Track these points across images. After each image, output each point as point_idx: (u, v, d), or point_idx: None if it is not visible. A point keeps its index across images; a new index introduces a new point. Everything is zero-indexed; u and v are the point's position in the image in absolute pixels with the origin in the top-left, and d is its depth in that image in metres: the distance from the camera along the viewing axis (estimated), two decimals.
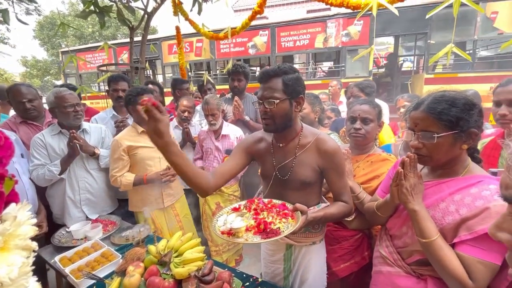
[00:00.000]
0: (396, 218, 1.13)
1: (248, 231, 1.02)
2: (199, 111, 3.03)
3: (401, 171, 1.01)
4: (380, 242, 1.20)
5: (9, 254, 0.34)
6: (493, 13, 5.11)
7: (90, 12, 3.01)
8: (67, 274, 1.45)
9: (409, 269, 1.05)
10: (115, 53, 7.82)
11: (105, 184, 2.13)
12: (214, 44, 6.75)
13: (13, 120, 2.15)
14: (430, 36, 5.45)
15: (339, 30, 5.91)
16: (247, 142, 1.35)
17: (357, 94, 2.09)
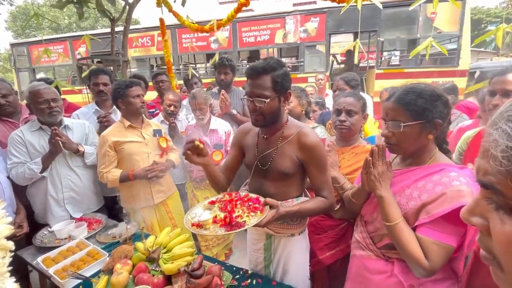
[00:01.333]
0: (368, 205, 1.20)
1: (215, 223, 1.07)
2: (185, 105, 2.98)
3: (370, 159, 1.08)
4: (356, 228, 1.26)
5: None
6: (432, 14, 5.53)
7: (67, 2, 2.86)
8: (51, 275, 1.41)
9: (378, 253, 1.12)
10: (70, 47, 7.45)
11: (90, 181, 2.07)
12: (176, 38, 6.75)
13: None
14: (380, 34, 5.80)
15: (297, 26, 6.13)
16: (237, 136, 1.44)
17: (343, 87, 2.13)
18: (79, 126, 2.06)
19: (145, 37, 6.99)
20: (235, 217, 1.06)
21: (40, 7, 16.82)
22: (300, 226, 1.34)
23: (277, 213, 1.08)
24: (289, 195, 1.28)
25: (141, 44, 7.10)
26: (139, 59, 7.46)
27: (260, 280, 1.35)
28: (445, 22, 5.61)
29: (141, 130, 2.06)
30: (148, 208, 2.10)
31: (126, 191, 2.08)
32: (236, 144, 1.42)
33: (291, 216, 1.22)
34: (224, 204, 1.16)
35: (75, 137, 1.97)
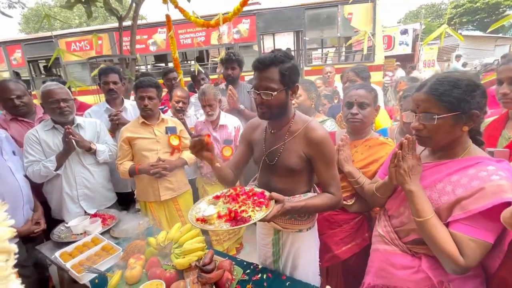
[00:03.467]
0: (394, 199, 1.16)
1: (220, 218, 1.05)
2: (194, 102, 2.99)
3: (399, 152, 1.03)
4: (378, 222, 1.23)
5: None
6: (349, 14, 6.16)
7: (75, 2, 2.89)
8: (68, 269, 1.45)
9: (404, 248, 1.08)
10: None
11: (103, 178, 2.12)
12: (115, 41, 6.84)
13: (3, 118, 2.10)
14: (305, 33, 6.30)
15: (230, 27, 6.45)
16: (246, 131, 1.43)
17: (353, 79, 2.07)
18: (91, 124, 2.10)
19: (83, 41, 7.15)
20: (240, 212, 1.04)
21: (51, 8, 17.17)
22: (308, 222, 1.32)
23: (282, 208, 1.07)
24: (297, 191, 1.27)
25: (80, 48, 7.24)
26: (77, 63, 7.47)
27: (271, 274, 1.35)
28: (360, 22, 6.22)
29: (154, 127, 2.09)
30: (156, 203, 2.14)
31: (138, 185, 2.16)
32: (245, 140, 1.42)
33: (297, 212, 1.21)
34: (229, 199, 1.16)
35: (87, 136, 2.01)
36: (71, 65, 7.29)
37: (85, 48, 7.08)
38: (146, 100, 1.99)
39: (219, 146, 2.41)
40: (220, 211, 1.08)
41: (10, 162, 1.69)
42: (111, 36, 6.76)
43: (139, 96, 2.01)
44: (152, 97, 2.01)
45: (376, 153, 1.42)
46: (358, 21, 6.19)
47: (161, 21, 6.83)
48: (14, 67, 7.45)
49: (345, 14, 6.17)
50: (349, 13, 6.11)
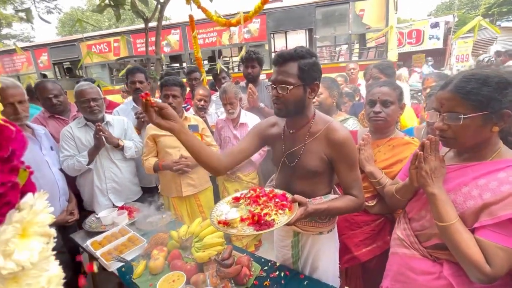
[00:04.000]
0: (415, 202, 1.12)
1: (243, 221, 1.03)
2: (215, 100, 3.04)
3: (420, 153, 0.99)
4: (398, 225, 1.19)
5: (29, 240, 0.37)
6: (361, 11, 6.08)
7: (105, 6, 3.06)
8: (98, 257, 1.56)
9: (425, 252, 1.04)
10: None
11: (130, 173, 2.23)
12: (131, 43, 7.19)
13: (42, 115, 2.28)
14: (316, 31, 6.29)
15: (241, 27, 6.46)
16: (260, 126, 1.36)
17: (377, 76, 1.99)
18: (119, 122, 2.22)
19: (103, 44, 7.53)
20: (263, 215, 1.02)
21: (84, 12, 18.19)
22: (329, 224, 1.30)
23: (305, 211, 1.04)
24: (317, 193, 1.24)
25: (99, 50, 7.64)
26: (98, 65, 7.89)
27: (288, 272, 1.35)
28: (372, 19, 6.13)
29: None
30: (178, 198, 2.22)
31: (162, 181, 2.25)
32: (257, 134, 1.32)
33: (320, 214, 1.18)
34: (251, 200, 1.14)
35: (116, 133, 2.13)
36: (91, 67, 7.77)
37: (104, 51, 7.53)
38: (170, 98, 2.06)
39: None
40: (242, 214, 1.06)
41: (48, 156, 1.83)
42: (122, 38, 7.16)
43: (164, 94, 2.08)
44: (176, 96, 2.07)
45: (400, 153, 1.37)
46: (370, 18, 6.11)
47: (173, 23, 7.15)
48: (41, 69, 8.05)
49: (357, 11, 6.08)
50: (360, 9, 6.04)
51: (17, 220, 0.35)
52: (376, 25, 6.12)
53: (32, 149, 1.73)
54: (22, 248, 0.34)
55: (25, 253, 0.34)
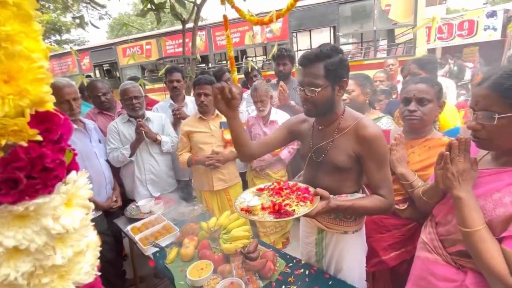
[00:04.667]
0: (442, 205, 1.05)
1: (264, 210, 1.06)
2: (246, 98, 3.10)
3: (447, 154, 0.93)
4: (424, 228, 1.13)
5: (72, 210, 0.46)
6: (387, 6, 5.80)
7: (148, 10, 3.29)
8: (137, 241, 1.71)
9: (449, 258, 0.98)
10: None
11: (166, 166, 2.40)
12: (162, 46, 7.47)
13: (92, 111, 2.56)
14: (339, 28, 6.10)
15: (263, 27, 6.56)
16: (290, 121, 1.41)
17: (415, 72, 1.85)
18: (158, 118, 2.39)
19: (136, 47, 7.98)
20: (284, 205, 1.05)
21: (130, 16, 19.64)
22: (355, 224, 1.26)
23: (327, 205, 1.03)
24: (344, 190, 1.22)
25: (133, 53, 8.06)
26: (132, 66, 8.31)
27: (313, 271, 1.35)
28: (399, 14, 5.84)
29: (209, 122, 2.26)
30: (210, 192, 2.32)
31: (195, 175, 2.37)
32: (287, 128, 1.38)
33: (343, 211, 1.16)
34: (273, 192, 1.17)
35: (154, 128, 2.29)
36: (126, 68, 8.38)
37: (137, 53, 8.05)
38: (202, 96, 2.16)
39: None
40: (264, 203, 1.10)
41: (96, 148, 2.05)
42: (158, 41, 7.63)
43: (196, 93, 2.19)
44: (208, 94, 2.16)
45: (437, 155, 1.28)
46: (397, 13, 5.83)
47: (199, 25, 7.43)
48: (83, 71, 8.89)
49: (382, 6, 5.84)
50: (386, 4, 5.78)
51: (64, 191, 0.43)
52: (403, 20, 5.86)
53: (83, 141, 1.95)
54: (67, 215, 0.43)
55: (69, 219, 0.43)
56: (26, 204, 0.37)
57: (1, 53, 0.34)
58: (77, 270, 0.44)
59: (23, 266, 0.38)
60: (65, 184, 0.44)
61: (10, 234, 0.37)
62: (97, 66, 9.14)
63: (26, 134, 0.38)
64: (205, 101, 2.16)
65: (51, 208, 0.40)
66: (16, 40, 0.36)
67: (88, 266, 0.45)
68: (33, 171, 0.38)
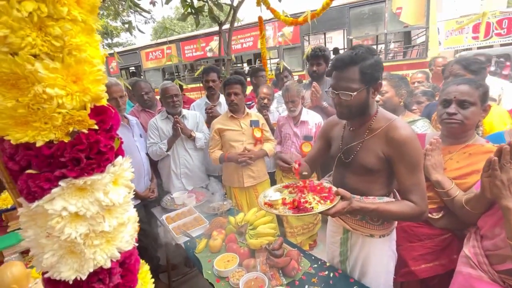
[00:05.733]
0: (489, 216, 0.98)
1: (284, 205, 1.11)
2: (276, 98, 3.13)
3: (495, 159, 0.86)
4: (467, 241, 1.06)
5: (118, 188, 0.55)
6: (398, 9, 5.86)
7: (188, 14, 3.49)
8: (170, 230, 1.84)
9: (496, 277, 0.90)
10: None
11: (199, 162, 2.54)
12: (181, 50, 7.95)
13: (136, 108, 2.80)
14: (350, 32, 6.26)
15: (275, 32, 6.90)
16: (324, 128, 1.44)
17: (459, 73, 1.71)
18: (193, 116, 2.53)
19: (157, 51, 8.56)
20: (303, 202, 1.07)
21: (172, 20, 20.82)
22: (382, 229, 1.22)
23: (349, 205, 1.02)
24: (372, 192, 1.19)
25: (155, 57, 8.71)
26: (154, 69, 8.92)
27: (337, 274, 1.34)
28: (411, 16, 5.85)
29: (240, 120, 2.34)
30: (239, 189, 2.40)
31: (225, 171, 2.46)
32: (323, 136, 1.42)
33: (367, 214, 1.14)
34: (296, 189, 1.20)
35: (189, 125, 2.44)
36: (148, 71, 9.08)
37: (159, 57, 8.72)
38: (232, 96, 2.24)
39: (299, 142, 2.47)
40: (285, 198, 1.14)
41: (138, 142, 2.25)
42: (178, 45, 8.25)
43: (227, 92, 2.28)
44: (237, 93, 2.25)
45: (478, 163, 1.17)
46: (409, 15, 5.86)
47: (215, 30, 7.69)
48: (112, 74, 9.69)
49: (393, 9, 5.91)
50: (398, 7, 5.86)
51: (112, 172, 0.54)
52: (415, 23, 5.90)
53: (127, 135, 2.15)
54: (114, 191, 0.52)
55: (115, 195, 0.52)
56: (85, 179, 0.47)
57: (72, 59, 0.44)
58: (120, 238, 0.54)
59: (81, 228, 0.48)
60: (114, 166, 0.53)
61: (73, 202, 0.47)
62: (124, 69, 9.98)
63: (86, 123, 0.47)
64: (235, 100, 2.25)
65: (102, 184, 0.49)
66: (82, 49, 0.45)
67: (128, 236, 0.55)
68: (91, 153, 0.47)
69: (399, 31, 6.78)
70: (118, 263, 0.55)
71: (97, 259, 0.50)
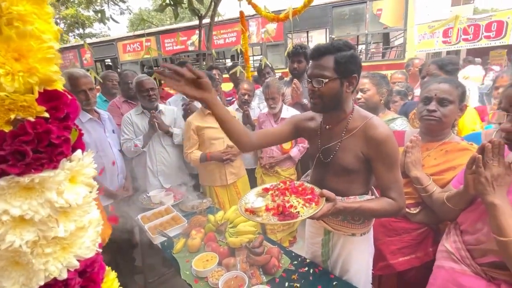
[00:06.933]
0: (471, 212, 1.00)
1: (268, 211, 1.04)
2: (258, 95, 3.10)
3: (479, 157, 0.88)
4: (447, 236, 1.08)
5: (76, 186, 0.47)
6: (378, 10, 6.08)
7: (166, 5, 3.35)
8: (146, 230, 1.75)
9: (478, 270, 0.93)
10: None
11: (177, 158, 2.43)
12: (161, 43, 7.76)
13: (118, 100, 2.68)
14: (332, 31, 6.40)
15: (259, 28, 6.88)
16: (297, 117, 1.37)
17: (435, 73, 1.78)
18: (170, 111, 2.43)
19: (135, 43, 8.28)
20: (288, 207, 1.02)
21: (150, 12, 20.06)
22: (363, 227, 1.23)
23: (333, 207, 1.01)
24: (352, 192, 1.18)
25: (133, 49, 8.41)
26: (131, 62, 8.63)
27: (318, 270, 1.33)
28: (390, 18, 6.09)
29: None
30: (221, 187, 2.34)
31: (204, 171, 2.37)
32: (293, 124, 1.33)
33: (350, 213, 1.14)
34: (278, 192, 1.14)
35: (167, 120, 2.34)
36: (125, 64, 8.71)
37: (137, 49, 8.36)
38: None
39: None
40: (268, 204, 1.08)
41: (110, 138, 2.11)
42: (158, 38, 7.97)
43: None
44: None
45: (454, 160, 1.22)
46: (388, 17, 6.10)
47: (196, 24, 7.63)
48: (85, 66, 9.18)
49: (374, 11, 6.10)
50: (378, 9, 6.07)
51: (68, 168, 0.45)
52: (394, 25, 6.15)
53: (98, 130, 2.01)
54: (70, 191, 0.44)
55: (72, 195, 0.44)
56: (31, 176, 0.39)
57: (13, 32, 0.36)
58: (79, 244, 0.46)
59: (28, 235, 0.40)
60: (70, 161, 0.45)
61: (17, 204, 0.39)
62: (99, 61, 9.42)
63: (34, 110, 0.39)
64: None
65: (55, 182, 0.42)
66: (27, 20, 0.37)
67: (89, 242, 0.47)
68: (39, 146, 0.40)
69: (379, 32, 7.03)
70: (77, 272, 0.47)
71: (50, 270, 0.42)
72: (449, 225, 1.12)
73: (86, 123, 1.93)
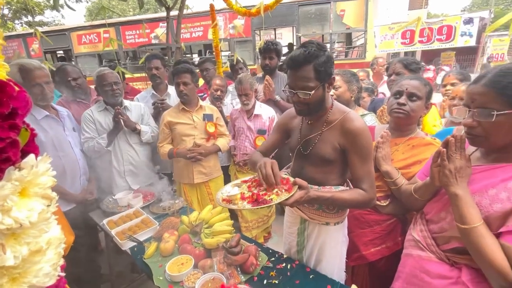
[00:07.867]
0: (435, 202, 1.06)
1: (243, 199, 1.10)
2: (231, 91, 3.04)
3: (443, 150, 0.94)
4: (414, 226, 1.14)
5: (29, 200, 0.38)
6: (341, 11, 6.29)
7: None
8: (113, 236, 1.62)
9: (442, 256, 1.00)
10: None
11: (146, 157, 2.30)
12: (121, 35, 7.40)
13: (65, 99, 2.40)
14: (299, 29, 6.56)
15: (226, 23, 6.79)
16: (282, 120, 1.43)
17: (400, 71, 1.89)
18: (136, 107, 2.28)
19: (92, 34, 7.76)
20: (262, 194, 1.07)
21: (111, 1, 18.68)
22: (337, 216, 1.29)
23: (306, 195, 1.05)
24: (329, 182, 1.24)
25: (89, 40, 7.85)
26: (88, 55, 8.10)
27: (295, 265, 1.35)
28: (352, 19, 6.35)
29: (192, 114, 2.18)
30: (189, 185, 2.27)
31: (175, 166, 2.31)
32: (280, 128, 1.42)
33: (324, 202, 1.19)
34: (255, 184, 1.18)
35: (133, 117, 2.19)
36: (82, 57, 8.05)
37: (94, 41, 7.78)
38: (181, 86, 2.08)
39: (253, 135, 2.43)
40: (244, 192, 1.12)
41: (70, 137, 1.91)
42: (117, 30, 7.51)
43: (176, 82, 2.11)
44: (187, 83, 2.09)
45: (420, 154, 1.30)
46: (350, 18, 6.35)
47: (162, 16, 7.22)
48: (33, 57, 8.23)
49: (337, 11, 6.31)
50: (341, 10, 6.29)
51: (17, 178, 0.36)
52: (355, 26, 6.40)
53: (56, 129, 1.82)
54: (21, 207, 0.35)
55: (24, 212, 0.35)
56: None
57: None
58: (34, 272, 0.37)
59: None
60: (19, 169, 0.37)
61: None
62: (49, 53, 8.53)
63: None
64: (184, 90, 2.09)
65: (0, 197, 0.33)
66: None
67: (49, 267, 0.38)
68: None
69: (342, 32, 7.31)
70: None
71: None
72: (415, 215, 1.19)
73: (41, 121, 1.73)
